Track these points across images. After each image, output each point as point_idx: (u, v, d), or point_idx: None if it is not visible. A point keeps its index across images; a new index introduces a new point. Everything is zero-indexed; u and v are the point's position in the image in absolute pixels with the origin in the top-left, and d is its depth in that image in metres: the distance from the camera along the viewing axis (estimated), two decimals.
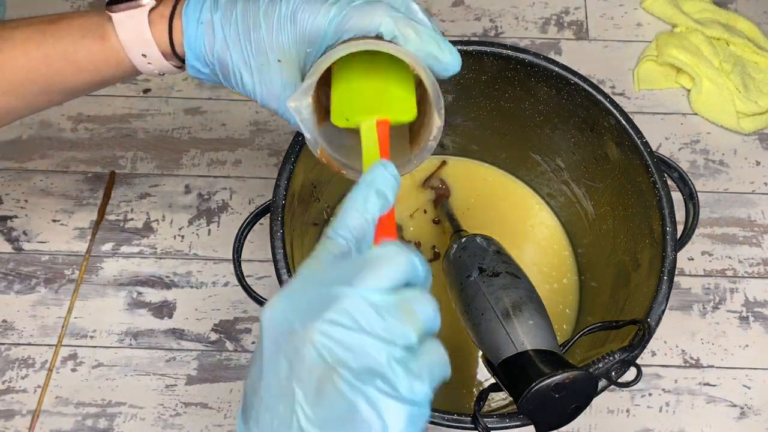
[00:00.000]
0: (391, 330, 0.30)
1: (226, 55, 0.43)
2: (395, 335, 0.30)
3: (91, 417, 0.66)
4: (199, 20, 0.43)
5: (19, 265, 0.72)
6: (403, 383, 0.29)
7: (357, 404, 0.29)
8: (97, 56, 0.45)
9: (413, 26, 0.40)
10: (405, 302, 0.31)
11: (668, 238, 0.53)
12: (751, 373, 0.69)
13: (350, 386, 0.29)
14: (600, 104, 0.57)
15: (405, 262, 0.32)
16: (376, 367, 0.29)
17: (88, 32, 0.44)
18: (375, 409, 0.29)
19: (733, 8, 0.87)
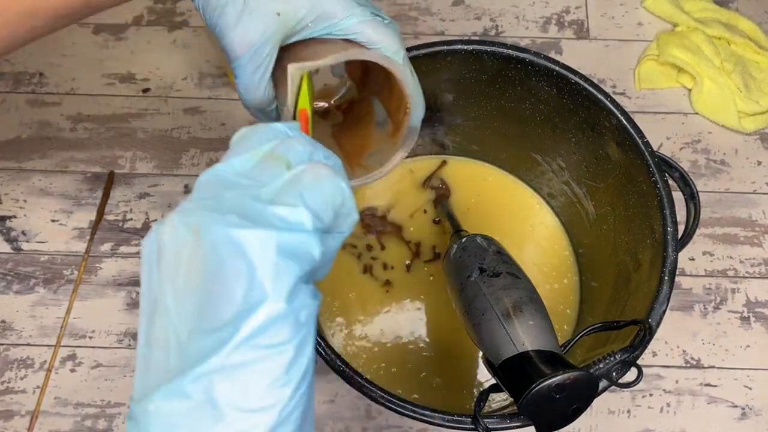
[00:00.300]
0: (252, 177, 0.27)
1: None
2: (256, 179, 0.27)
3: (90, 418, 0.66)
4: None
5: (18, 265, 0.72)
6: (258, 211, 0.25)
7: (218, 258, 0.24)
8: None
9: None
10: (269, 154, 0.28)
11: (669, 238, 0.53)
12: (753, 374, 0.68)
13: (206, 242, 0.25)
14: (601, 104, 0.57)
15: (263, 127, 0.30)
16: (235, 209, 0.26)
17: None
18: (236, 253, 0.24)
19: (734, 7, 0.87)
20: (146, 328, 0.27)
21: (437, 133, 0.70)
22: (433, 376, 0.65)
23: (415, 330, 0.66)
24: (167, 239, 0.26)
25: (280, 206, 0.26)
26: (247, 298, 0.24)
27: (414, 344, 0.66)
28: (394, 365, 0.65)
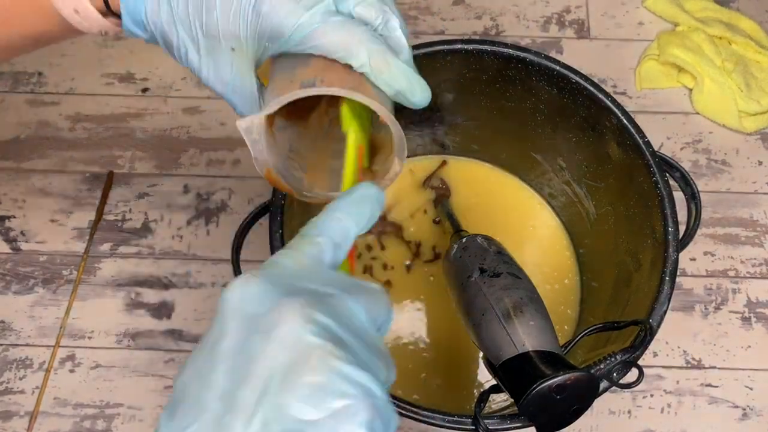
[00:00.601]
0: (371, 354, 0.28)
1: (172, 28, 0.38)
2: (373, 361, 0.28)
3: (90, 418, 0.66)
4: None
5: (17, 265, 0.72)
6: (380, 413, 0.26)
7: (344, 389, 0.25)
8: (24, 6, 0.39)
9: (387, 59, 0.37)
10: (384, 350, 0.30)
11: (670, 238, 0.53)
12: (754, 374, 0.68)
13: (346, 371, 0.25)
14: (601, 103, 0.57)
15: (389, 309, 0.31)
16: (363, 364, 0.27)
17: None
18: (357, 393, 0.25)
19: (735, 7, 0.87)
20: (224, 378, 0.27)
21: (437, 133, 0.70)
22: (433, 377, 0.64)
23: (415, 330, 0.66)
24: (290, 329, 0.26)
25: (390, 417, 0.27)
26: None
27: (414, 345, 0.66)
28: None
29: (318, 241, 0.31)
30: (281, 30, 0.37)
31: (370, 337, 0.29)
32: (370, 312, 0.30)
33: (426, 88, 0.39)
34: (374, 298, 0.30)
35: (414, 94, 0.38)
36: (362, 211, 0.33)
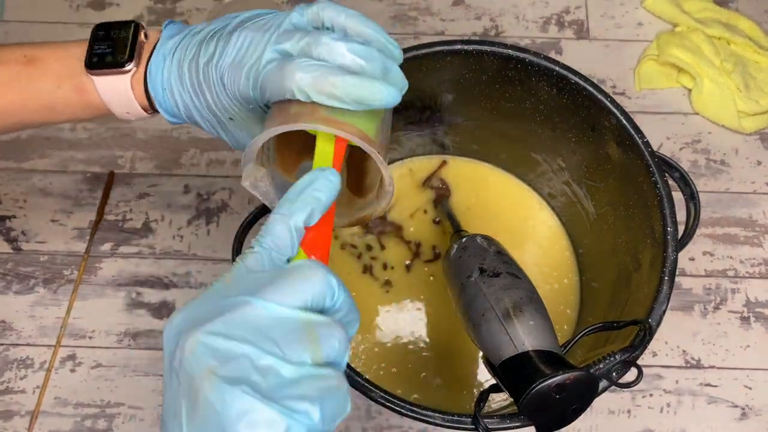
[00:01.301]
0: (284, 346, 0.28)
1: (190, 113, 0.44)
2: (288, 352, 0.28)
3: (90, 418, 0.66)
4: (162, 86, 0.43)
5: (18, 265, 0.72)
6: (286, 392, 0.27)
7: (227, 416, 0.26)
8: (77, 106, 0.45)
9: (327, 81, 0.36)
10: (310, 325, 0.29)
11: (669, 238, 0.53)
12: (753, 374, 0.68)
13: (218, 394, 0.27)
14: (601, 104, 0.57)
15: (321, 280, 0.31)
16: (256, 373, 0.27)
17: (65, 82, 0.44)
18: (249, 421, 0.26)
19: (734, 7, 0.87)
20: (166, 414, 0.30)
21: (437, 133, 0.70)
22: (433, 376, 0.65)
23: (415, 330, 0.66)
24: (185, 360, 0.28)
25: (300, 401, 0.27)
26: None
27: (414, 344, 0.66)
28: (394, 365, 0.65)
29: (251, 252, 0.33)
30: (246, 94, 0.40)
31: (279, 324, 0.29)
32: (291, 295, 0.30)
33: (384, 90, 0.37)
34: (295, 278, 0.30)
35: (371, 100, 0.37)
36: (302, 203, 0.34)
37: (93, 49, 0.44)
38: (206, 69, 0.41)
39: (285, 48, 0.38)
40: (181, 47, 0.43)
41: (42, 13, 0.84)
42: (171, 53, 0.43)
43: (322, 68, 0.36)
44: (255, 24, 0.40)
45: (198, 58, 0.41)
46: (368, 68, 0.37)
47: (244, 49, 0.39)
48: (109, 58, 0.44)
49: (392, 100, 0.37)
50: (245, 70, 0.39)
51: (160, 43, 0.44)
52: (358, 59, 0.37)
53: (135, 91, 0.44)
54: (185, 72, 0.42)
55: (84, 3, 0.86)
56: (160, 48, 0.43)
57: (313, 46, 0.37)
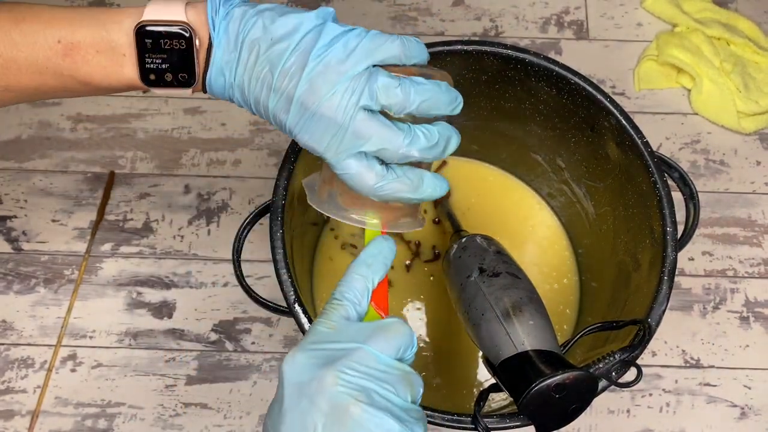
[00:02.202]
0: (396, 386, 0.36)
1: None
2: (399, 391, 0.36)
3: (91, 417, 0.66)
4: (223, 96, 0.43)
5: (19, 265, 0.72)
6: (406, 418, 0.36)
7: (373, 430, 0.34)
8: (123, 91, 0.45)
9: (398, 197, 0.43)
10: (406, 373, 0.38)
11: (669, 238, 0.53)
12: (752, 374, 0.69)
13: (370, 416, 0.34)
14: (600, 104, 0.57)
15: (409, 336, 0.39)
16: (387, 403, 0.35)
17: (114, 78, 0.42)
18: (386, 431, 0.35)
19: (734, 8, 0.87)
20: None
21: None
22: (433, 376, 0.65)
23: (415, 330, 0.66)
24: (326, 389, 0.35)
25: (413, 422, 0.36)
26: None
27: None
28: None
29: (341, 305, 0.40)
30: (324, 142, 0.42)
31: (391, 370, 0.37)
32: (390, 346, 0.38)
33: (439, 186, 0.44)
34: (392, 333, 0.38)
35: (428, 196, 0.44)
36: (374, 266, 0.42)
37: (145, 62, 0.42)
38: (278, 120, 0.42)
39: (362, 151, 0.41)
40: (243, 72, 0.41)
41: None
42: (231, 74, 0.41)
43: (395, 185, 0.42)
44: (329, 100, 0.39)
45: (266, 101, 0.41)
46: (432, 156, 0.43)
47: (319, 136, 0.40)
48: (170, 76, 0.42)
49: (438, 195, 0.45)
50: (321, 154, 0.41)
51: (215, 54, 0.41)
52: (426, 155, 0.42)
53: (194, 90, 0.44)
54: (251, 103, 0.42)
55: (84, 3, 0.86)
56: (218, 65, 0.41)
57: (390, 153, 0.41)
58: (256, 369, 0.68)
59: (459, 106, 0.45)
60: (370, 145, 0.40)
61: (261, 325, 0.70)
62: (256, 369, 0.68)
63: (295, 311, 0.50)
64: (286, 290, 0.51)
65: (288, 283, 0.51)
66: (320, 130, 0.40)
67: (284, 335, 0.69)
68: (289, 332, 0.70)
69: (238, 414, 0.66)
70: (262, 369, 0.68)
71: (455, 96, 0.44)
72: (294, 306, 0.50)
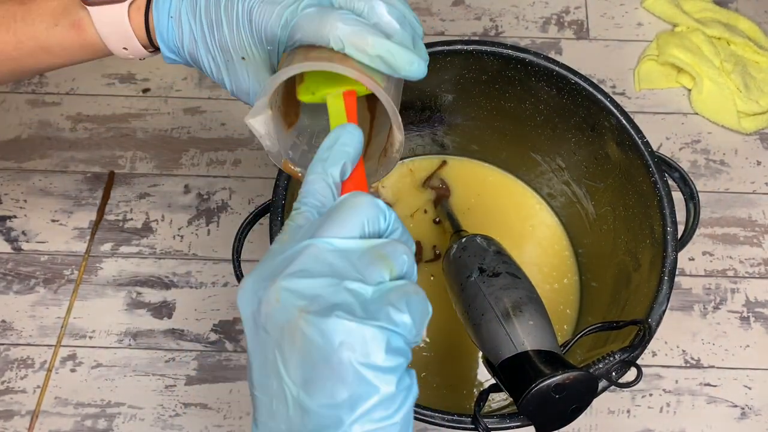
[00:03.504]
0: (360, 270, 0.30)
1: (195, 49, 0.42)
2: (366, 275, 0.30)
3: (91, 417, 0.66)
4: (169, 14, 0.41)
5: (18, 265, 0.72)
6: (375, 308, 0.29)
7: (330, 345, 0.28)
8: (73, 45, 0.43)
9: (365, 39, 0.37)
10: (375, 248, 0.31)
11: (669, 238, 0.53)
12: (752, 374, 0.69)
13: (316, 328, 0.28)
14: (600, 104, 0.57)
15: (370, 205, 0.32)
16: (344, 301, 0.29)
17: (61, 19, 0.42)
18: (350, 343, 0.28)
19: (734, 8, 0.87)
20: (258, 378, 0.30)
21: (437, 133, 0.70)
22: (433, 376, 0.65)
23: None
24: (272, 311, 0.29)
25: (392, 312, 0.29)
26: (361, 382, 0.28)
27: None
28: None
29: (299, 213, 0.33)
30: (273, 32, 0.39)
31: (353, 254, 0.31)
32: (346, 227, 0.31)
33: (416, 61, 0.38)
34: (346, 211, 0.32)
35: (401, 68, 0.38)
36: (333, 158, 0.35)
37: None
38: (230, 0, 0.39)
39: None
40: None
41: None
42: None
43: (362, 25, 0.37)
44: None
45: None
46: (401, 34, 0.38)
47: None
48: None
49: (420, 73, 0.38)
50: (279, 7, 0.38)
51: None
52: (394, 23, 0.38)
53: (133, 22, 0.42)
54: (201, 1, 0.40)
55: None
56: None
57: (355, 1, 0.38)
58: None
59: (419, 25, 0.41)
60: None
61: None
62: None
63: None
64: None
65: None
66: None
67: None
68: None
69: (238, 414, 0.66)
70: None
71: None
72: None
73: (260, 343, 0.30)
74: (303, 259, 0.30)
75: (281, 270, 0.30)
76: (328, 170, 0.34)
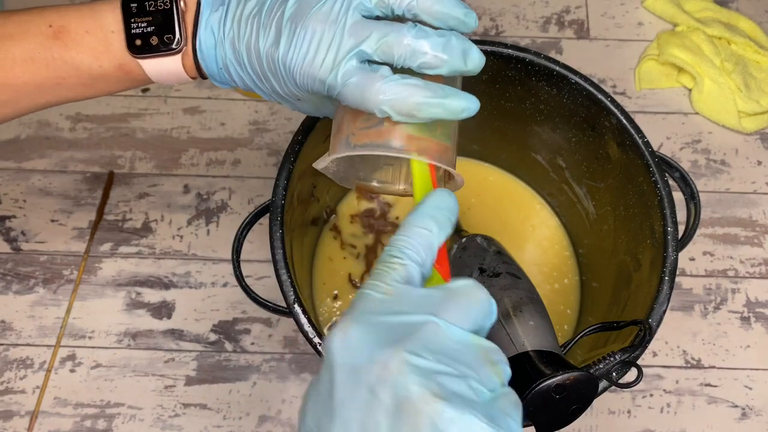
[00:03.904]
0: (476, 369, 0.29)
1: (252, 89, 0.42)
2: (481, 375, 0.29)
3: (90, 418, 0.66)
4: (218, 65, 0.41)
5: (18, 265, 0.72)
6: (495, 414, 0.28)
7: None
8: (117, 82, 0.43)
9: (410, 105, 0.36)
10: (486, 351, 0.31)
11: (669, 238, 0.53)
12: (753, 374, 0.68)
13: (448, 419, 0.27)
14: (601, 104, 0.57)
15: (487, 302, 0.32)
16: (470, 397, 0.28)
17: (104, 58, 0.41)
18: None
19: (735, 7, 0.87)
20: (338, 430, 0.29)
21: None
22: None
23: None
24: (390, 378, 0.28)
25: (506, 418, 0.28)
26: None
27: None
28: None
29: (401, 264, 0.32)
30: (320, 91, 0.38)
31: (469, 349, 0.30)
32: (466, 318, 0.31)
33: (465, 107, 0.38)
34: (466, 300, 0.31)
35: (455, 116, 0.37)
36: (440, 220, 0.34)
37: (131, 27, 0.40)
38: (271, 60, 0.38)
39: (363, 51, 0.36)
40: (231, 23, 0.39)
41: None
42: (220, 28, 0.40)
43: (405, 85, 0.36)
44: (319, 10, 0.37)
45: (257, 43, 0.38)
46: (450, 60, 0.37)
47: (314, 51, 0.37)
48: (155, 39, 0.40)
49: (472, 112, 0.38)
50: (319, 77, 0.37)
51: (203, 13, 0.40)
52: (440, 54, 0.37)
53: (186, 66, 0.41)
54: (243, 55, 0.39)
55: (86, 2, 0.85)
56: (207, 22, 0.40)
57: (395, 48, 0.36)
58: (256, 369, 0.68)
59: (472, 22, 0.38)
60: (370, 42, 0.36)
61: (260, 326, 0.70)
62: (256, 369, 0.68)
63: (294, 311, 0.50)
64: (285, 290, 0.51)
65: (288, 283, 0.51)
66: (314, 45, 0.37)
67: (284, 336, 0.69)
68: (288, 333, 0.69)
69: (238, 415, 0.66)
70: (262, 369, 0.68)
71: (470, 11, 0.38)
72: (294, 306, 0.50)
73: (358, 403, 0.28)
74: (426, 336, 0.29)
75: (401, 337, 0.29)
76: (437, 231, 0.34)
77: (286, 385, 0.67)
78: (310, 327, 0.49)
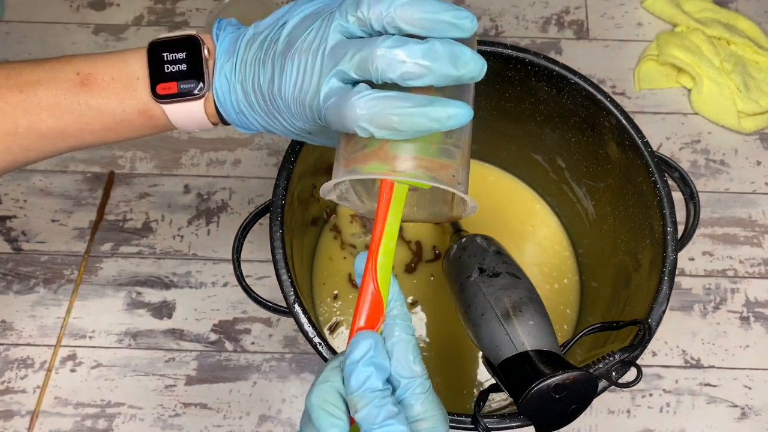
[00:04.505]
0: None
1: (270, 130, 0.43)
2: None
3: (91, 417, 0.66)
4: (235, 110, 0.42)
5: (18, 265, 0.72)
6: None
7: None
8: (141, 127, 0.44)
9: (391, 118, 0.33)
10: None
11: (669, 238, 0.53)
12: (752, 374, 0.69)
13: None
14: (600, 104, 0.57)
15: None
16: None
17: (128, 104, 0.42)
18: None
19: (734, 8, 0.87)
20: None
21: None
22: (433, 376, 0.64)
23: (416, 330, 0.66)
24: None
25: None
26: None
27: None
28: None
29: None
30: (314, 119, 0.38)
31: None
32: None
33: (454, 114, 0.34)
34: None
35: (443, 125, 0.34)
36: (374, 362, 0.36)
37: (158, 73, 0.42)
38: (270, 96, 0.39)
39: (341, 70, 0.35)
40: (240, 66, 0.40)
41: (42, 14, 0.84)
42: (232, 73, 0.41)
43: (382, 101, 0.34)
44: (304, 41, 0.37)
45: (259, 81, 0.39)
46: (435, 67, 0.34)
47: (300, 79, 0.37)
48: (179, 86, 0.41)
49: (464, 119, 0.34)
50: (307, 105, 0.37)
51: (218, 60, 0.41)
52: (421, 61, 0.33)
53: (208, 112, 0.42)
54: (251, 96, 0.40)
55: (84, 3, 0.86)
56: (221, 69, 0.41)
57: (370, 62, 0.34)
58: (256, 369, 0.68)
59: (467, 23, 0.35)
60: (346, 60, 0.35)
61: (261, 326, 0.70)
62: (256, 369, 0.68)
63: (294, 311, 0.50)
64: (285, 290, 0.51)
65: (288, 283, 0.51)
66: (300, 73, 0.37)
67: (284, 335, 0.69)
68: (288, 332, 0.69)
69: (238, 414, 0.66)
70: (262, 369, 0.68)
71: (460, 12, 0.35)
72: (294, 306, 0.50)
73: None
74: None
75: None
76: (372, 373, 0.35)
77: (287, 385, 0.67)
78: (310, 327, 0.50)
